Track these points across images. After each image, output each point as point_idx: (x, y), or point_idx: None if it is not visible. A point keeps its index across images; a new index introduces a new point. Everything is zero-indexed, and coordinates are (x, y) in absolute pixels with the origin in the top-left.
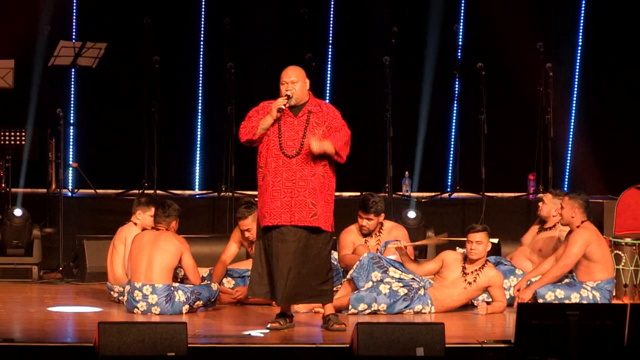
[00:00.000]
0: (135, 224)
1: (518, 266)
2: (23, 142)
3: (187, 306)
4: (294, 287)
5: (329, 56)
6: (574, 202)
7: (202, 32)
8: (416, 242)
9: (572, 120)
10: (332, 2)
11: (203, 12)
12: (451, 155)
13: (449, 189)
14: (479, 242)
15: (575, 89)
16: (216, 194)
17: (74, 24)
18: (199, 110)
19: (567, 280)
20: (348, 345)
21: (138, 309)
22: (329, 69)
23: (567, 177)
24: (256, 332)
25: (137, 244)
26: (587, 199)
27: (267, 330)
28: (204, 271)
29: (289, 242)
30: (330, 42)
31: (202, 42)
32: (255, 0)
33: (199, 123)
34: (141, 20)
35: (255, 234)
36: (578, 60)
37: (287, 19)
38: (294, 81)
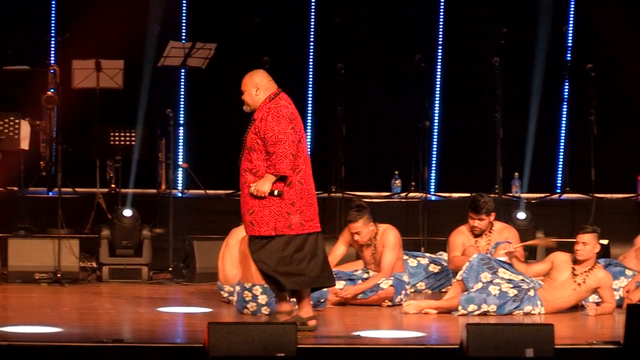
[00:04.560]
0: None
1: (629, 267)
2: (133, 143)
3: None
4: None
5: (439, 57)
6: None
7: (312, 32)
8: (525, 242)
9: None
10: (442, 3)
11: (313, 13)
12: (560, 157)
13: (558, 190)
14: (585, 243)
15: None
16: (326, 194)
17: (183, 24)
18: (309, 111)
19: None
20: (457, 346)
21: (248, 309)
22: (438, 69)
23: None
24: (365, 333)
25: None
26: None
27: (378, 331)
28: None
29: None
30: (440, 42)
31: (311, 43)
32: (365, 0)
33: (309, 124)
34: (251, 20)
35: (366, 237)
36: None
37: (396, 19)
38: (243, 91)
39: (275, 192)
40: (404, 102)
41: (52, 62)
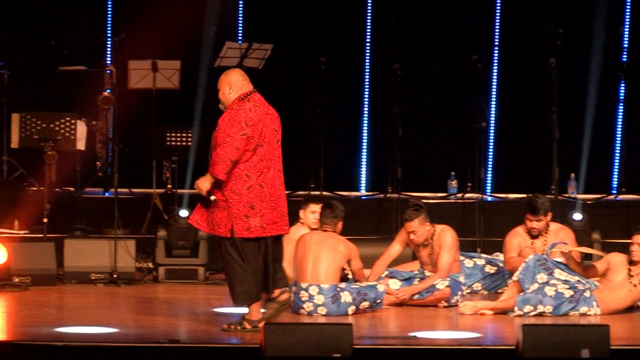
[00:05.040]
0: (302, 223)
1: None
2: (189, 143)
3: (353, 307)
4: None
5: (495, 58)
6: None
7: (369, 33)
8: (581, 247)
9: None
10: (498, 4)
11: (369, 13)
12: (616, 157)
13: (614, 191)
14: None
15: None
16: (382, 195)
17: (239, 25)
18: (365, 111)
19: None
20: (513, 347)
21: (304, 309)
22: (494, 70)
23: None
24: (421, 334)
25: (304, 244)
26: None
27: (434, 331)
28: (369, 272)
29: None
30: (496, 43)
31: (368, 43)
32: (421, 1)
33: (365, 124)
34: (308, 21)
35: (422, 237)
36: None
37: (453, 20)
38: (218, 89)
39: (212, 198)
40: (460, 102)
41: (108, 62)
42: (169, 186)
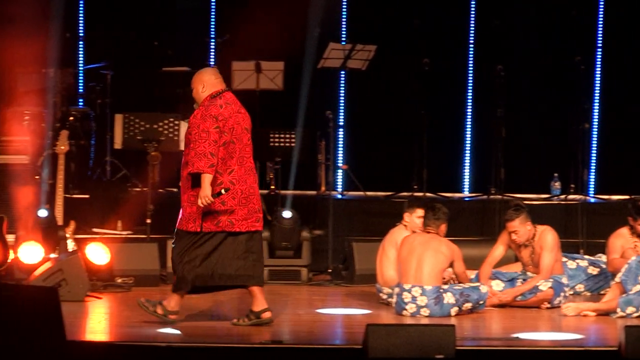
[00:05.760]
0: (405, 226)
1: None
2: (293, 144)
3: (455, 308)
4: None
5: (598, 59)
6: None
7: (472, 34)
8: None
9: None
10: (601, 4)
11: (472, 14)
12: None
13: None
14: None
15: None
16: (485, 196)
17: (343, 26)
18: (468, 113)
19: None
20: (616, 349)
21: (407, 310)
22: (597, 71)
23: None
24: (524, 335)
25: (407, 246)
26: None
27: (537, 333)
28: (472, 274)
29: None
30: (599, 44)
31: (471, 45)
32: (524, 2)
33: (468, 125)
34: (411, 22)
35: (523, 237)
36: None
37: (556, 21)
38: (192, 88)
39: (223, 191)
40: (563, 103)
41: (211, 63)
42: (272, 187)
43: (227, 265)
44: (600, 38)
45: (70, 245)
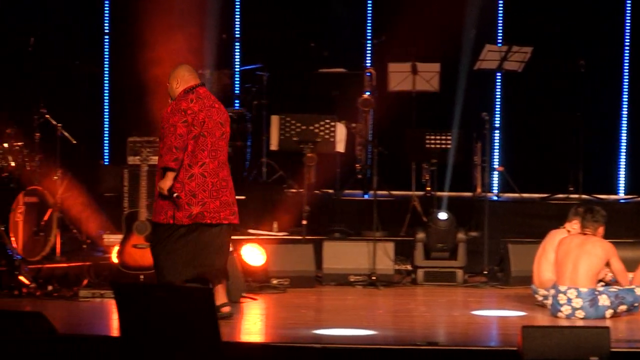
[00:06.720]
0: (569, 231)
1: None
2: (448, 146)
3: (610, 310)
4: None
5: None
6: None
7: (627, 34)
8: None
9: None
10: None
11: (628, 14)
12: None
13: None
14: None
15: None
16: None
17: (499, 27)
18: (624, 114)
19: None
20: None
21: (562, 312)
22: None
23: None
24: None
25: (564, 247)
26: None
27: None
28: (628, 276)
29: None
30: None
31: (627, 45)
32: None
33: (624, 127)
34: (565, 23)
35: None
36: None
37: None
38: (167, 84)
39: (174, 195)
40: None
41: (368, 64)
42: (428, 188)
43: (197, 257)
44: None
45: None
